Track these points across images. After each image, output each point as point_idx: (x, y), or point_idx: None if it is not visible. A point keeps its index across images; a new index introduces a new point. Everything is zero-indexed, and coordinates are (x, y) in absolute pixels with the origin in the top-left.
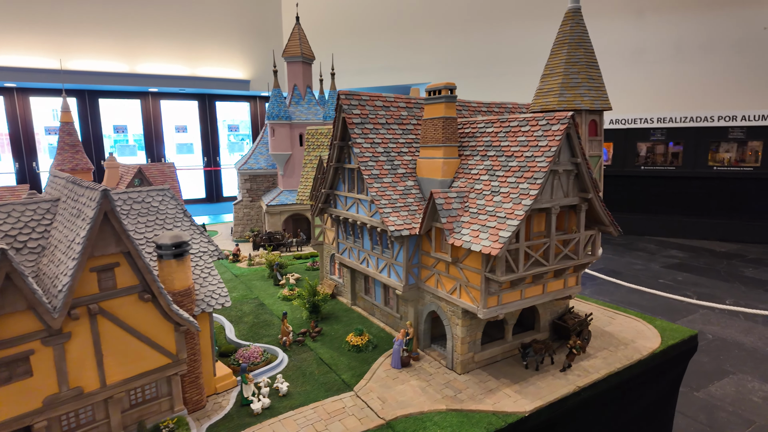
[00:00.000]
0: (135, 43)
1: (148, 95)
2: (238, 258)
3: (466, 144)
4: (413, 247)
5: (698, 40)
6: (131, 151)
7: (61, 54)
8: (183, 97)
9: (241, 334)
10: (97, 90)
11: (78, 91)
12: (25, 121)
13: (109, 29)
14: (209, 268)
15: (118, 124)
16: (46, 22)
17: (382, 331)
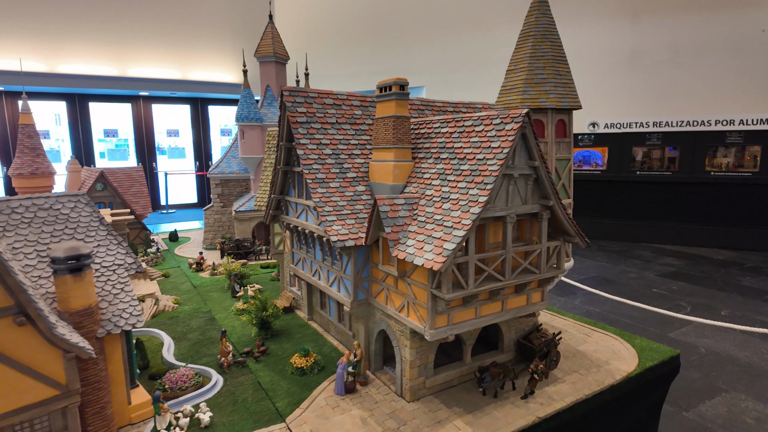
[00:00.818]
0: (125, 46)
1: (139, 99)
2: (202, 267)
3: (420, 146)
4: (362, 259)
5: (694, 43)
6: (122, 155)
7: (50, 57)
8: (175, 101)
9: (181, 353)
10: (87, 94)
11: (67, 94)
12: (12, 125)
13: (99, 33)
14: (123, 284)
15: (108, 128)
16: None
17: (335, 350)
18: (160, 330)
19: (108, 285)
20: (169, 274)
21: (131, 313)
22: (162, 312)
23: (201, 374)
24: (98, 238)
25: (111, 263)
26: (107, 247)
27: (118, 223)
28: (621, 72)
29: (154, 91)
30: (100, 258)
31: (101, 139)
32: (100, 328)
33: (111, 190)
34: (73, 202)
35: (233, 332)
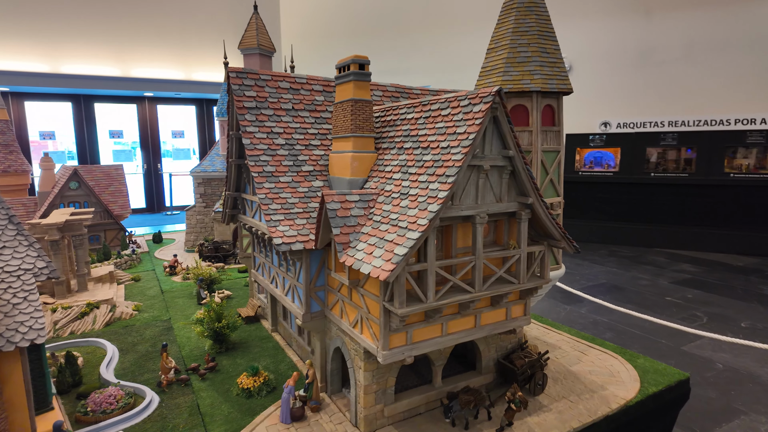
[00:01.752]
0: (129, 47)
1: (144, 100)
2: (175, 270)
3: (385, 135)
4: (317, 265)
5: (711, 39)
6: (127, 156)
7: (53, 58)
8: (180, 102)
9: (123, 367)
10: (92, 95)
11: (72, 95)
12: (20, 125)
13: (101, 33)
14: (27, 291)
15: (114, 129)
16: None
17: (294, 367)
18: (106, 341)
19: (7, 293)
20: (139, 278)
21: (31, 327)
22: (118, 320)
23: (135, 393)
24: (4, 239)
25: (16, 267)
26: (15, 249)
27: (73, 224)
28: (633, 69)
29: (159, 91)
30: (3, 261)
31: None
32: None
33: (86, 188)
34: None
35: (187, 344)
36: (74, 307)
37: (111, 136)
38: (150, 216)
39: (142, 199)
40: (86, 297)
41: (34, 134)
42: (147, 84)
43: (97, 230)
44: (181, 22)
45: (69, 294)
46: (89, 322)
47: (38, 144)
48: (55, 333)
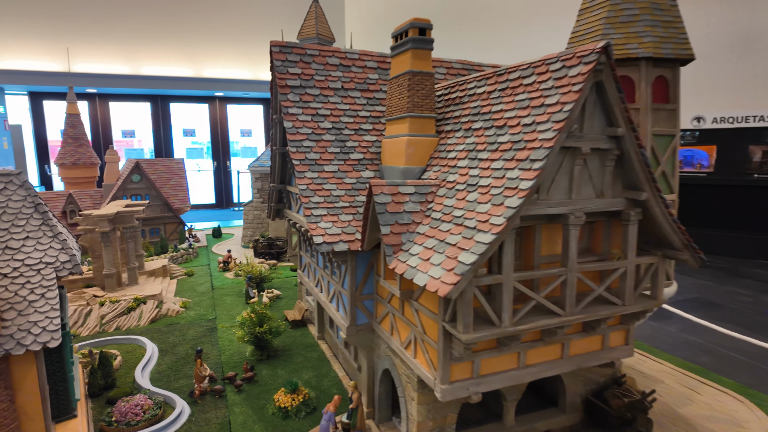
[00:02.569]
0: (201, 48)
1: (215, 100)
2: (228, 267)
3: (449, 115)
4: (364, 270)
5: None
6: (198, 154)
7: (133, 60)
8: (248, 102)
9: (159, 370)
10: (168, 95)
11: (151, 96)
12: (105, 125)
13: (177, 35)
14: (46, 288)
15: (187, 128)
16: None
17: (338, 384)
18: (148, 339)
19: (24, 289)
20: (192, 273)
21: (44, 328)
22: (164, 316)
23: (166, 403)
24: (28, 229)
25: (37, 261)
26: (38, 241)
27: (124, 215)
28: (733, 57)
29: (228, 91)
30: (24, 254)
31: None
32: None
33: (147, 181)
34: (2, 183)
35: (228, 348)
36: (122, 301)
37: (185, 134)
38: (218, 211)
39: (212, 195)
40: (135, 291)
41: (117, 133)
42: (217, 84)
43: (156, 223)
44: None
45: (119, 287)
46: (135, 317)
47: (121, 142)
48: (101, 328)
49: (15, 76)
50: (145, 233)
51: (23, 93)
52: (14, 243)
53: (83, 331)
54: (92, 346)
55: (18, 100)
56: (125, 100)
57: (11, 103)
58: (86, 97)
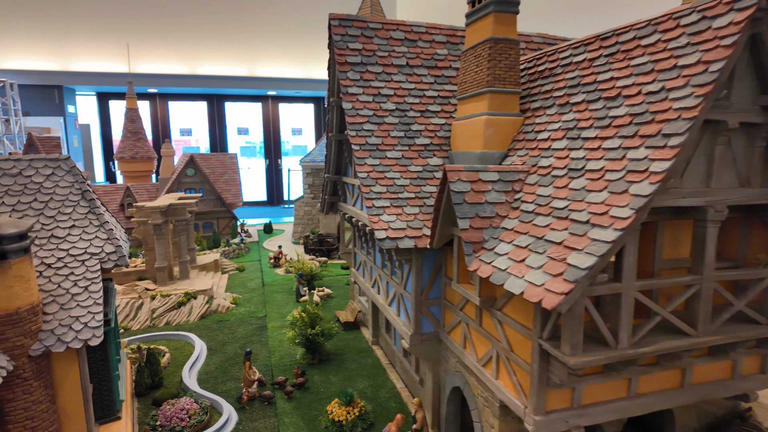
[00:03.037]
0: (255, 47)
1: (268, 99)
2: (279, 263)
3: (536, 90)
4: (431, 271)
5: None
6: (251, 152)
7: (191, 60)
8: (299, 101)
9: (207, 370)
10: (224, 94)
11: (207, 95)
12: (164, 123)
13: (232, 35)
14: (90, 281)
15: (241, 126)
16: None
17: (396, 396)
18: (197, 337)
19: (68, 281)
20: (244, 268)
21: (86, 324)
22: (214, 312)
23: (212, 407)
24: (74, 217)
25: (82, 251)
26: (84, 230)
27: (177, 208)
28: None
29: (281, 89)
30: (69, 243)
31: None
32: (35, 343)
33: (201, 175)
34: (50, 168)
35: (278, 349)
36: (173, 295)
37: (239, 133)
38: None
39: (263, 193)
40: (186, 285)
41: (176, 131)
42: (270, 83)
43: (210, 218)
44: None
45: (170, 281)
46: (185, 312)
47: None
48: (152, 322)
49: (84, 78)
50: (198, 227)
51: (91, 94)
52: (60, 232)
53: (134, 325)
54: (141, 341)
55: (87, 100)
56: (183, 99)
57: (81, 104)
58: (147, 96)
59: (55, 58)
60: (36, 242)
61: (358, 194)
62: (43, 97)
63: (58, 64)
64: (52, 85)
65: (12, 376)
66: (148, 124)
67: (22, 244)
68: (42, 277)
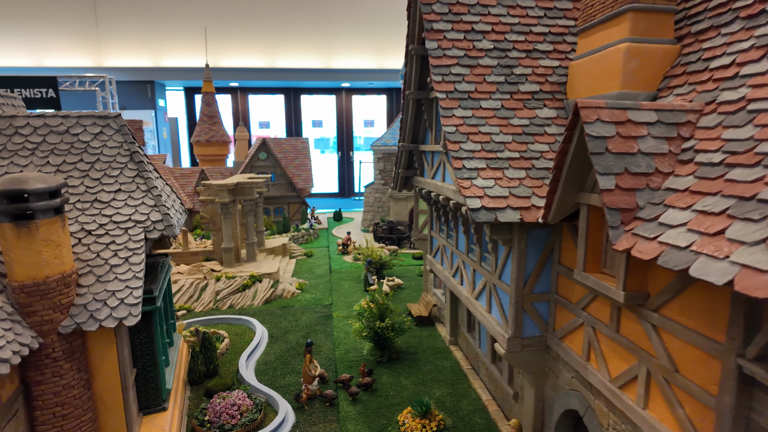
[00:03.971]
0: (330, 39)
1: (342, 91)
2: (347, 249)
3: (698, 8)
4: (539, 255)
5: None
6: (325, 144)
7: (269, 54)
8: (372, 92)
9: (266, 360)
10: (300, 87)
11: (284, 89)
12: (244, 116)
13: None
14: (132, 251)
15: (315, 119)
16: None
17: (481, 410)
18: (259, 322)
19: (108, 250)
20: (312, 254)
21: (122, 300)
22: (279, 297)
23: (267, 404)
24: (121, 180)
25: (126, 218)
26: (130, 195)
27: (244, 186)
28: None
29: (354, 81)
30: (114, 209)
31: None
32: (66, 319)
33: (273, 159)
34: (99, 127)
35: (344, 341)
36: (238, 278)
37: (313, 125)
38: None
39: (335, 185)
40: (252, 268)
41: (255, 124)
42: (344, 74)
43: (280, 203)
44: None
45: (237, 263)
46: (249, 296)
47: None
48: (215, 304)
49: (172, 73)
50: (269, 212)
51: (179, 89)
52: (104, 196)
53: (197, 307)
54: (202, 324)
55: (176, 95)
56: (262, 93)
57: (170, 99)
58: (229, 90)
59: (148, 55)
60: (78, 206)
61: (438, 163)
62: (137, 92)
63: (150, 61)
64: (145, 81)
65: (40, 355)
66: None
67: (51, 203)
68: (81, 244)
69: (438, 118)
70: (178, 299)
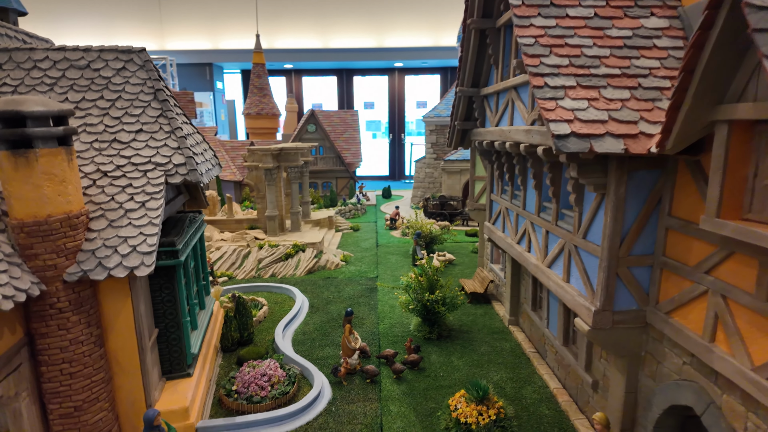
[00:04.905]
0: (384, 17)
1: (395, 71)
2: (395, 224)
3: None
4: (641, 206)
5: None
6: (376, 126)
7: (323, 35)
8: (426, 72)
9: (305, 330)
10: (352, 68)
11: (337, 70)
12: (298, 98)
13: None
14: (150, 195)
15: (367, 101)
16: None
17: (549, 399)
18: (300, 291)
19: (124, 194)
20: (358, 228)
21: (135, 248)
22: (322, 268)
23: (302, 376)
24: (143, 120)
25: (146, 159)
26: (152, 136)
27: (289, 152)
28: None
29: (408, 60)
30: (133, 150)
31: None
32: (72, 265)
33: (321, 132)
34: (121, 62)
35: (389, 315)
36: (281, 246)
37: (365, 107)
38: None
39: (386, 167)
40: (296, 238)
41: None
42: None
43: (328, 177)
44: None
45: (281, 232)
46: (292, 265)
47: None
48: (257, 272)
49: (229, 55)
50: (317, 186)
51: (237, 71)
52: (124, 136)
53: (239, 274)
54: (242, 291)
55: (233, 78)
56: (315, 75)
57: (228, 81)
58: (284, 72)
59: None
60: (95, 146)
61: (505, 105)
62: (196, 75)
63: (209, 43)
64: (204, 63)
65: (44, 304)
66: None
67: (53, 130)
68: (95, 186)
69: (506, 52)
70: (219, 266)
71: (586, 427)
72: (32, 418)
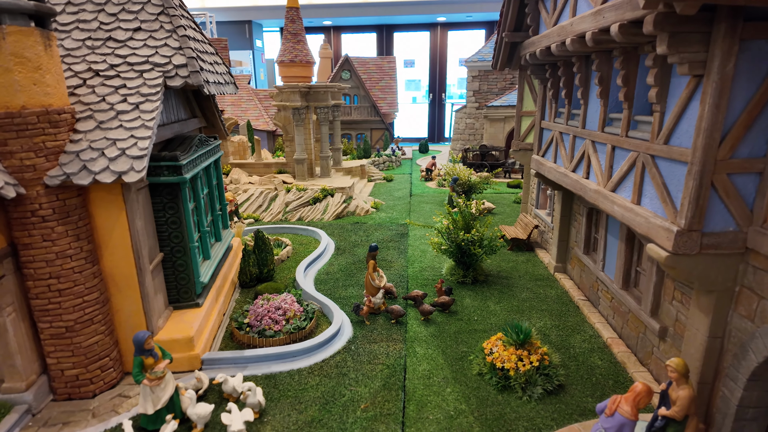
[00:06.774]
0: None
1: (437, 27)
2: (431, 176)
3: None
4: (755, 89)
5: None
6: (416, 86)
7: None
8: (470, 27)
9: (329, 270)
10: (392, 24)
11: (377, 26)
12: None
13: None
14: (145, 97)
15: (407, 59)
16: None
17: (602, 349)
18: (326, 234)
19: (116, 95)
20: (392, 178)
21: (124, 151)
22: (351, 214)
23: (321, 313)
24: (142, 18)
25: (143, 59)
26: (151, 35)
27: (318, 90)
28: None
29: (450, 14)
30: (130, 49)
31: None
32: (54, 168)
33: (356, 79)
34: None
35: (419, 259)
36: (309, 190)
37: (405, 66)
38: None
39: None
40: (325, 183)
41: None
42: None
43: (362, 128)
44: None
45: (310, 177)
46: (320, 210)
47: None
48: (284, 216)
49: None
50: (351, 138)
51: (276, 29)
52: (120, 34)
53: (265, 217)
54: (268, 232)
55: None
56: (354, 32)
57: (267, 40)
58: (323, 29)
59: None
60: (87, 43)
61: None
62: (236, 32)
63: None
64: (243, 21)
65: (25, 210)
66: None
67: (21, 3)
68: (85, 86)
69: None
70: (246, 208)
71: (647, 380)
72: (20, 336)
